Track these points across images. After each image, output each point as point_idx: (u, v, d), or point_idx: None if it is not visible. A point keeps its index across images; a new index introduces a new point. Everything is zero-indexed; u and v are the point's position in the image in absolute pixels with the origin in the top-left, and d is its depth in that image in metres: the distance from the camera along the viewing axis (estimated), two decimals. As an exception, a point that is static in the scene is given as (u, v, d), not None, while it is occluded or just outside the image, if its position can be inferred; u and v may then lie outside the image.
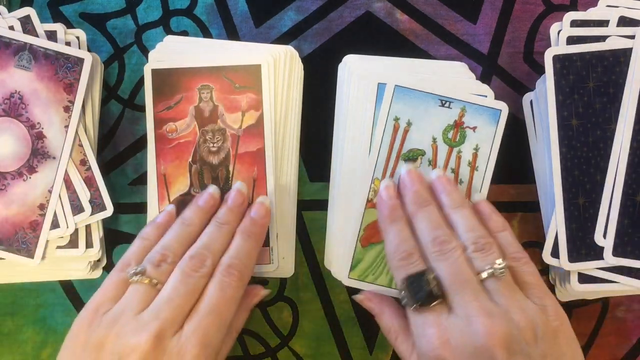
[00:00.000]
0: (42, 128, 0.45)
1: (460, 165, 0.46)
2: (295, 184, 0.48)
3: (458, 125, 0.45)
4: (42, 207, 0.46)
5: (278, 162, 0.47)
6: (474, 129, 0.45)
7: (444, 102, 0.45)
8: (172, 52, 0.47)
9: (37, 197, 0.46)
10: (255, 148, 0.47)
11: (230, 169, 0.47)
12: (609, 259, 0.44)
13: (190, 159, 0.47)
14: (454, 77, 0.47)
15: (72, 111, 0.45)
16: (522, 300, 0.38)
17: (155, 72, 0.46)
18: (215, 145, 0.47)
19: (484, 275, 0.39)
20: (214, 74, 0.47)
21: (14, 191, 0.46)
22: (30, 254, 0.46)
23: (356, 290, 0.47)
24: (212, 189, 0.46)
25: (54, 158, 0.45)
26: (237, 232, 0.43)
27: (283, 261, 0.48)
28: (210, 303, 0.39)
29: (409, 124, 0.45)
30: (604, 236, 0.44)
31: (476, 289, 0.38)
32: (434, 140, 0.45)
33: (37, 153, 0.45)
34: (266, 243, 0.47)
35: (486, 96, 0.46)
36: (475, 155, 0.46)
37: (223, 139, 0.47)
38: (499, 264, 0.39)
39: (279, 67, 0.47)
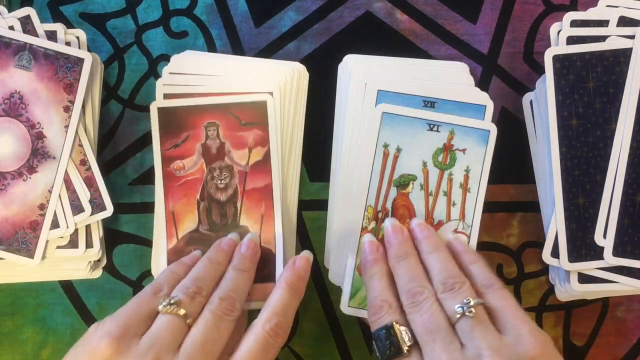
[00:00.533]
0: (42, 128, 0.45)
1: (452, 187, 0.46)
2: (296, 185, 0.48)
3: (447, 148, 0.45)
4: (42, 207, 0.46)
5: (284, 165, 0.47)
6: (463, 151, 0.45)
7: (432, 126, 0.45)
8: (180, 79, 0.47)
9: (37, 197, 0.46)
10: (262, 184, 0.47)
11: (238, 205, 0.47)
12: (609, 259, 0.44)
13: (198, 197, 0.47)
14: (450, 85, 0.47)
15: (72, 111, 0.45)
16: (494, 339, 0.36)
17: (162, 110, 0.46)
18: (222, 182, 0.47)
19: (455, 317, 0.38)
20: (219, 111, 0.46)
21: (13, 191, 0.45)
22: (30, 254, 0.46)
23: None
24: (234, 236, 0.46)
25: (54, 158, 0.45)
26: (282, 284, 0.42)
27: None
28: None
29: (398, 150, 0.45)
30: (604, 236, 0.44)
31: (447, 337, 0.37)
32: (425, 164, 0.45)
33: (37, 153, 0.45)
34: (272, 279, 0.46)
35: (485, 106, 0.45)
36: (466, 177, 0.46)
37: (230, 175, 0.47)
38: (467, 302, 0.38)
39: (286, 93, 0.47)
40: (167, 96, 0.47)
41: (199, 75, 0.47)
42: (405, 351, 0.38)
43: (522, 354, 0.36)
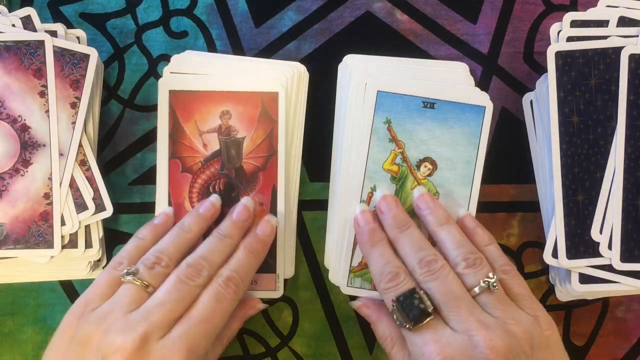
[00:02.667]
0: (25, 119, 0.45)
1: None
2: (296, 185, 0.48)
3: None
4: (47, 196, 0.45)
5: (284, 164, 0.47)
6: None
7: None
8: (181, 78, 0.47)
9: (40, 188, 0.45)
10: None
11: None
12: (617, 265, 0.44)
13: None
14: (450, 85, 0.47)
15: (79, 107, 0.45)
16: (516, 311, 0.39)
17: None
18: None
19: (477, 290, 0.39)
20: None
21: (15, 188, 0.45)
22: (49, 245, 0.45)
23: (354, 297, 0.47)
24: (214, 198, 0.46)
25: (44, 146, 0.45)
26: (240, 246, 0.43)
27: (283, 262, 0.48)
28: (203, 311, 0.39)
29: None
30: (600, 232, 0.44)
31: (471, 304, 0.38)
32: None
33: (27, 145, 0.45)
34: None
35: (485, 107, 0.46)
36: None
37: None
38: (492, 278, 0.39)
39: (287, 93, 0.47)
40: (172, 92, 0.47)
41: (200, 75, 0.47)
42: (431, 313, 0.38)
43: (540, 331, 0.38)
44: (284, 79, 0.47)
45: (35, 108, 0.45)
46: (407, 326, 0.38)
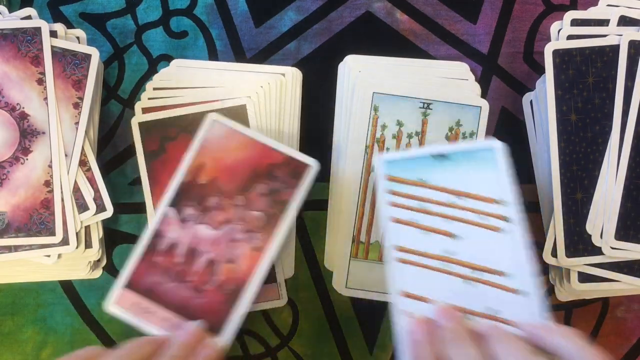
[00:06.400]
0: (24, 107, 0.45)
1: None
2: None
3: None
4: (48, 183, 0.45)
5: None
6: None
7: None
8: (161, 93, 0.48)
9: (40, 176, 0.45)
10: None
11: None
12: (612, 243, 0.44)
13: None
14: (449, 86, 0.47)
15: (81, 107, 0.45)
16: None
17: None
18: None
19: None
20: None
21: (16, 177, 0.45)
22: (51, 232, 0.45)
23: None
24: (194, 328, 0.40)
25: (43, 133, 0.45)
26: None
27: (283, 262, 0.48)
28: None
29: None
30: (597, 226, 0.45)
31: None
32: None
33: (26, 133, 0.45)
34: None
35: (480, 107, 0.45)
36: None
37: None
38: None
39: (268, 97, 0.47)
40: (145, 110, 0.47)
41: (180, 88, 0.47)
42: None
43: None
44: (265, 84, 0.46)
45: (34, 95, 0.45)
46: None
